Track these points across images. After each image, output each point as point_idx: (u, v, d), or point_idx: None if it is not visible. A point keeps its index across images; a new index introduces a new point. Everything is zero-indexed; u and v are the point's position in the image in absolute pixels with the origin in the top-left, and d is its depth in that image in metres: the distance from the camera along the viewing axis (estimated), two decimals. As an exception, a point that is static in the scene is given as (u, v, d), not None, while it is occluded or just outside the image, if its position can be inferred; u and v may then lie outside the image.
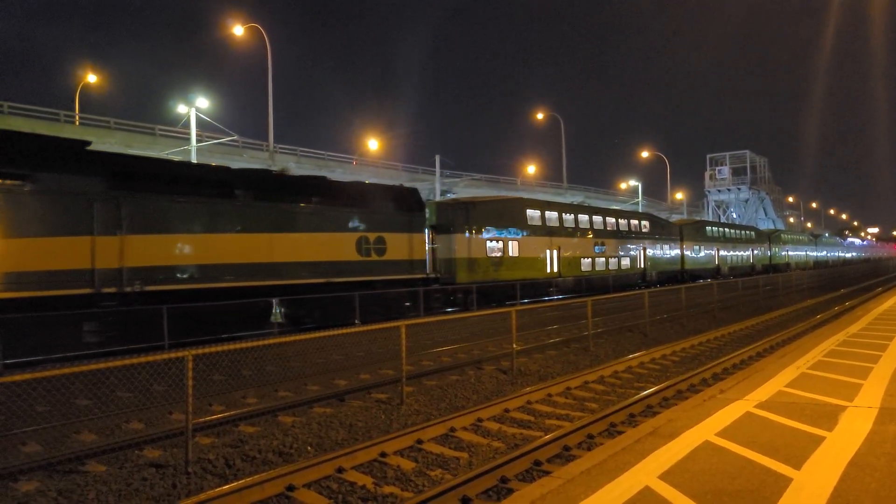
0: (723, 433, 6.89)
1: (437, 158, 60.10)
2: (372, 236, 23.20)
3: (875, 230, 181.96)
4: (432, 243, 27.38)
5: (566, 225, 36.67)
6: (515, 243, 32.16)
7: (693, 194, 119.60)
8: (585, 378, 13.20)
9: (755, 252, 66.55)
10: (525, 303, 29.58)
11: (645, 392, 11.52)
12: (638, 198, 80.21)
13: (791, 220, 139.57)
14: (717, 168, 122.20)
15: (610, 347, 17.90)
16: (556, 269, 34.74)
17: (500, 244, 31.21)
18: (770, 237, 73.26)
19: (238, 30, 44.45)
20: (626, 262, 41.82)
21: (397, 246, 24.11)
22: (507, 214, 32.43)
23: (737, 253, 61.68)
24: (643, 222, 45.81)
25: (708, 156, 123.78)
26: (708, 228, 57.72)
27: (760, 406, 8.04)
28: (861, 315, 19.80)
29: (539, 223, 34.45)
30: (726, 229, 62.54)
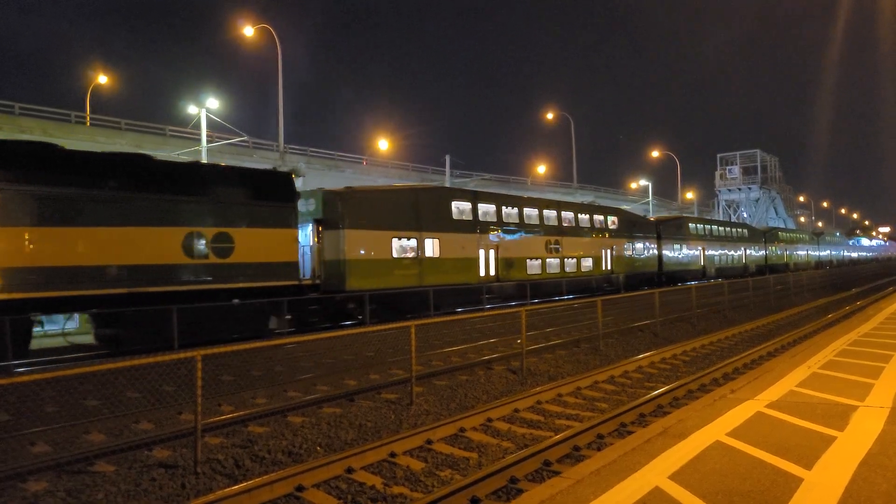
0: (733, 433, 6.85)
1: (448, 158, 60.18)
2: (210, 232, 18.57)
3: (886, 229, 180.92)
4: (318, 242, 23.10)
5: (507, 220, 31.61)
6: (434, 241, 26.76)
7: (704, 194, 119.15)
8: (595, 378, 13.16)
9: (748, 252, 61.68)
10: (456, 313, 24.86)
11: (655, 392, 11.46)
12: (648, 197, 79.95)
13: (802, 219, 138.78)
14: (727, 167, 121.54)
15: (620, 347, 17.84)
16: (492, 273, 29.84)
17: (414, 242, 25.89)
18: (766, 235, 68.13)
19: (248, 30, 44.54)
20: (587, 264, 36.94)
21: (252, 245, 19.58)
22: (423, 207, 26.81)
23: (726, 252, 56.88)
24: (610, 218, 40.49)
25: (718, 155, 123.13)
26: (691, 225, 52.33)
27: (771, 406, 7.99)
28: (872, 314, 19.67)
29: (469, 218, 29.19)
30: (714, 226, 57.58)
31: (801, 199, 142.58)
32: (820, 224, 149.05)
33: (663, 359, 15.66)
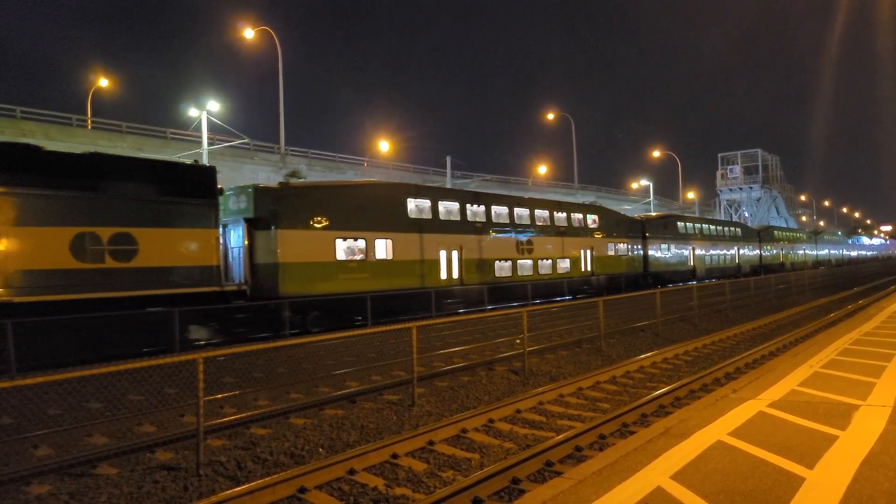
0: (735, 433, 6.85)
1: (448, 159, 60.21)
2: (106, 232, 16.46)
3: (888, 228, 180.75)
4: (248, 243, 20.91)
5: (473, 219, 29.40)
6: (387, 242, 24.66)
7: (705, 194, 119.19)
8: (597, 378, 13.16)
9: (742, 251, 59.43)
10: (419, 318, 22.37)
11: (657, 392, 11.47)
12: (650, 197, 79.94)
13: (804, 218, 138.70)
14: (728, 167, 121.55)
15: (622, 347, 17.84)
16: (455, 276, 27.68)
17: (363, 243, 23.72)
18: (760, 234, 65.84)
19: (249, 33, 44.61)
20: (564, 265, 34.76)
21: (161, 247, 17.52)
22: (374, 204, 24.81)
23: (718, 252, 54.54)
24: (590, 216, 38.27)
25: (719, 154, 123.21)
26: (680, 224, 49.78)
27: (773, 405, 7.98)
28: (874, 313, 19.65)
29: (429, 216, 27.04)
30: (704, 225, 54.82)
31: (803, 198, 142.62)
32: (822, 223, 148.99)
33: (665, 359, 15.66)
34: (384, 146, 57.37)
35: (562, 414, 10.71)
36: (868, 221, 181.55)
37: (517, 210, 32.64)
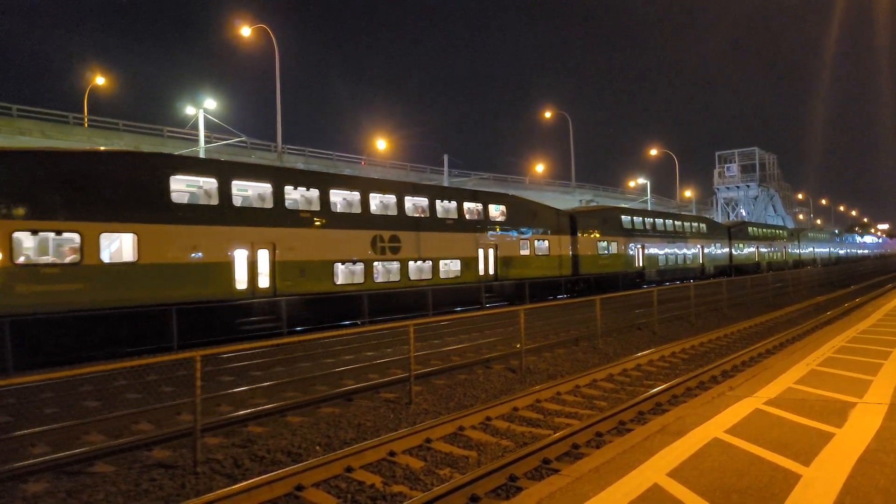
0: (732, 430, 6.86)
1: (446, 158, 60.16)
2: None
3: (885, 226, 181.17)
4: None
5: (296, 207, 22.97)
6: (131, 238, 18.11)
7: (702, 192, 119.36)
8: (594, 376, 13.17)
9: (708, 250, 53.09)
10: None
11: (654, 390, 11.48)
12: (647, 195, 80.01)
13: (801, 216, 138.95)
14: (725, 165, 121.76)
15: (619, 345, 17.85)
16: (264, 284, 20.90)
17: (76, 239, 17.09)
18: (731, 231, 59.41)
19: (245, 31, 44.50)
20: (452, 267, 28.33)
21: None
22: (103, 183, 17.90)
23: (676, 251, 48.03)
24: (494, 207, 31.36)
25: (717, 153, 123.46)
26: (625, 218, 42.55)
27: (770, 403, 8.00)
28: (871, 311, 19.69)
29: (215, 202, 20.31)
30: (658, 220, 47.38)
31: (800, 196, 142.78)
32: (818, 221, 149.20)
33: (662, 357, 15.68)
34: (381, 144, 57.37)
35: (559, 412, 10.72)
36: (865, 220, 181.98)
37: (377, 197, 25.89)
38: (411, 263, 26.15)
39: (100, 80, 54.35)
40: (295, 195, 23.31)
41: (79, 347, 16.12)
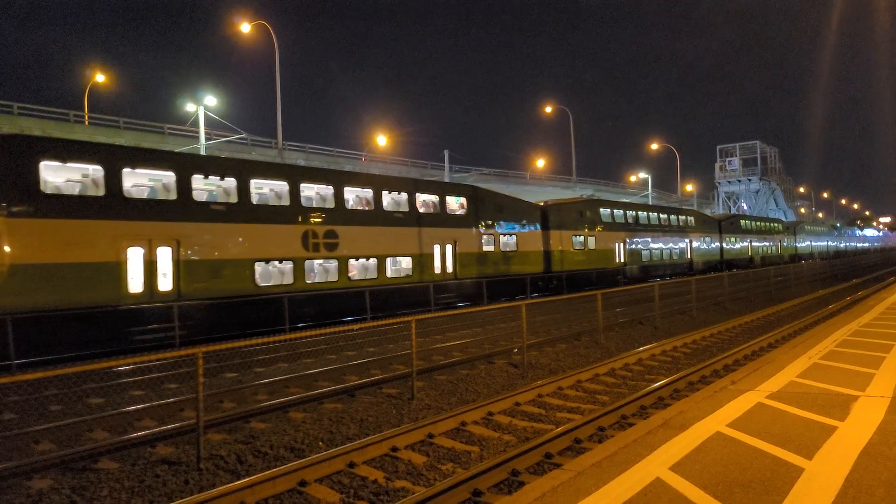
0: (734, 424, 6.86)
1: (446, 153, 60.15)
2: None
3: (887, 220, 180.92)
4: None
5: (206, 200, 20.28)
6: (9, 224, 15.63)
7: (704, 186, 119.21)
8: (596, 371, 13.18)
9: (696, 244, 50.34)
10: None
11: (656, 384, 11.48)
12: (648, 190, 79.94)
13: (803, 210, 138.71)
14: (727, 159, 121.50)
15: (621, 340, 17.86)
16: (166, 287, 18.38)
17: None
18: (722, 224, 56.36)
19: (245, 27, 44.46)
20: (403, 265, 26.03)
21: None
22: None
23: (660, 246, 45.39)
24: (453, 200, 29.02)
25: (718, 147, 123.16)
26: (604, 211, 40.17)
27: (772, 397, 8.00)
28: (873, 305, 19.68)
29: (100, 193, 17.68)
30: (641, 212, 44.83)
31: (802, 190, 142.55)
32: (820, 215, 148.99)
33: (664, 351, 15.69)
34: (382, 140, 57.36)
35: (561, 406, 10.73)
36: (867, 213, 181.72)
37: (310, 188, 23.42)
38: (352, 261, 23.88)
39: (100, 78, 54.33)
40: (205, 185, 20.57)
41: None
